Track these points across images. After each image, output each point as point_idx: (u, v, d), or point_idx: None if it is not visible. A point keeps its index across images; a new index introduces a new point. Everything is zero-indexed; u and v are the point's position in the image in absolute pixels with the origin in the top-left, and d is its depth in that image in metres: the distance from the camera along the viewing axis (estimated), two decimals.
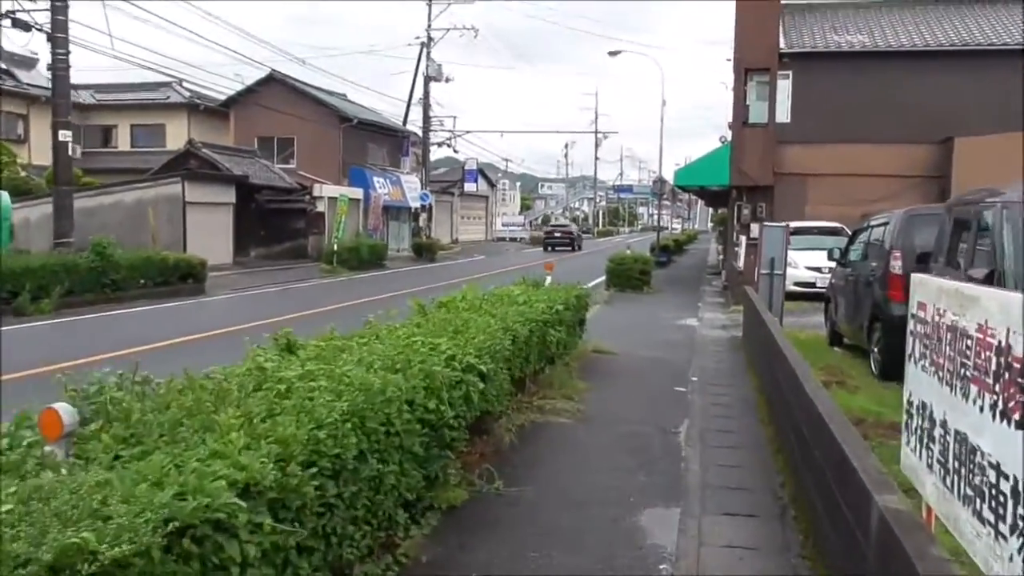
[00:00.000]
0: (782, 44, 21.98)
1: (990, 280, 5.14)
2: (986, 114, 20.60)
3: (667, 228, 55.93)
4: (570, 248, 48.60)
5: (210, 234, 28.32)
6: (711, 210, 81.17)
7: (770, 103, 21.75)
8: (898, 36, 23.25)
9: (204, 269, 21.13)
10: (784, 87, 22.04)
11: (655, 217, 44.51)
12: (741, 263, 18.32)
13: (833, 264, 17.79)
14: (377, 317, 5.89)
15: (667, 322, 14.72)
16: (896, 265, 8.33)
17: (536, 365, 7.40)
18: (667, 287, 22.09)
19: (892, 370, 8.42)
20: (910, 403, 3.52)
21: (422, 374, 4.27)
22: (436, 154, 62.61)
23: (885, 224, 8.97)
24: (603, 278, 21.35)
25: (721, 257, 33.62)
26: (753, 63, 21.85)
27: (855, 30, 23.92)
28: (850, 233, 19.64)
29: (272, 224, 35.35)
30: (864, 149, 21.64)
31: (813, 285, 17.06)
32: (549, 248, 48.42)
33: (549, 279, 10.43)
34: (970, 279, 5.36)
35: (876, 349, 8.68)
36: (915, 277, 3.25)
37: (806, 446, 4.90)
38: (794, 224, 20.05)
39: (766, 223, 12.68)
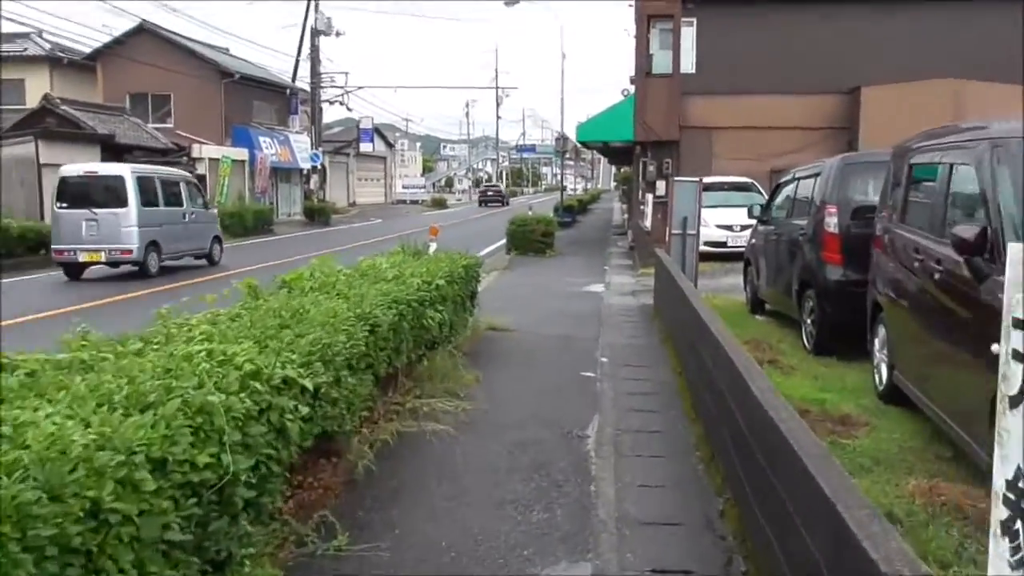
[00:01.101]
0: None
1: (983, 241, 3.90)
2: (894, 63, 19.97)
3: (570, 188, 55.02)
4: (500, 204, 58.43)
5: None
6: (614, 169, 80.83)
7: (674, 52, 20.61)
8: None
9: None
10: (688, 35, 20.90)
11: (559, 177, 43.37)
12: (648, 223, 17.20)
13: (748, 222, 16.96)
14: (182, 306, 4.28)
15: (572, 289, 13.44)
16: (831, 223, 7.16)
17: (411, 355, 5.93)
18: (571, 249, 20.87)
19: (828, 344, 7.33)
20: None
21: (191, 408, 2.73)
22: (333, 115, 59.94)
23: (815, 175, 7.79)
24: (503, 241, 19.96)
25: (626, 216, 32.71)
26: (656, 9, 20.63)
27: None
28: (758, 189, 18.90)
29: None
30: (772, 100, 20.75)
31: (724, 244, 16.10)
32: (483, 204, 59.50)
33: (434, 246, 8.95)
34: (955, 243, 4.11)
35: (809, 320, 7.54)
36: (1013, 247, 1.84)
37: (753, 461, 3.62)
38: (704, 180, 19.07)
39: (676, 178, 11.46)
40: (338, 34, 44.64)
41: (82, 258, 15.39)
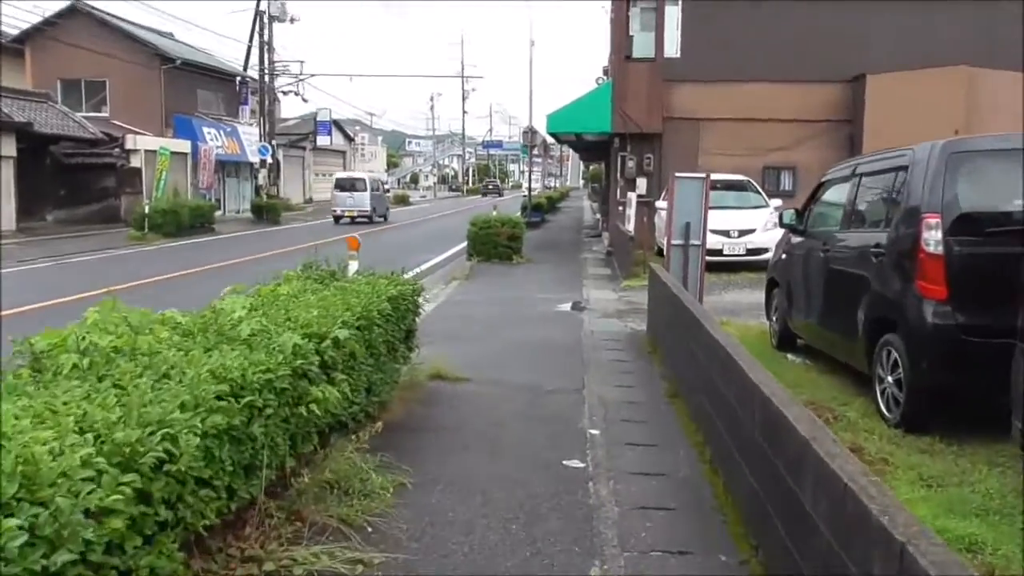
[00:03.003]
0: None
1: None
2: (901, 49, 17.84)
3: (535, 186, 52.75)
4: (498, 194, 67.55)
5: None
6: (582, 166, 78.24)
7: (657, 34, 18.31)
8: None
9: None
10: (673, 15, 18.60)
11: (526, 174, 41.07)
12: (631, 226, 14.86)
13: (747, 226, 14.76)
14: None
15: (544, 308, 11.04)
16: (931, 239, 4.83)
17: (282, 463, 3.51)
18: (542, 254, 18.47)
19: (924, 417, 5.00)
20: None
21: None
22: (293, 110, 56.83)
23: (897, 169, 5.46)
24: (466, 243, 17.50)
25: (598, 217, 30.40)
26: None
27: None
28: (755, 187, 16.56)
29: (74, 182, 29.56)
30: (765, 89, 18.53)
31: (720, 253, 13.83)
32: (483, 195, 70.16)
33: (354, 265, 6.52)
34: None
35: (890, 378, 5.20)
36: None
37: None
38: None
39: (678, 174, 9.06)
40: (293, 20, 42.00)
41: (345, 214, 32.11)
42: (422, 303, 6.27)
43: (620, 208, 18.36)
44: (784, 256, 7.70)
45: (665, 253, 9.11)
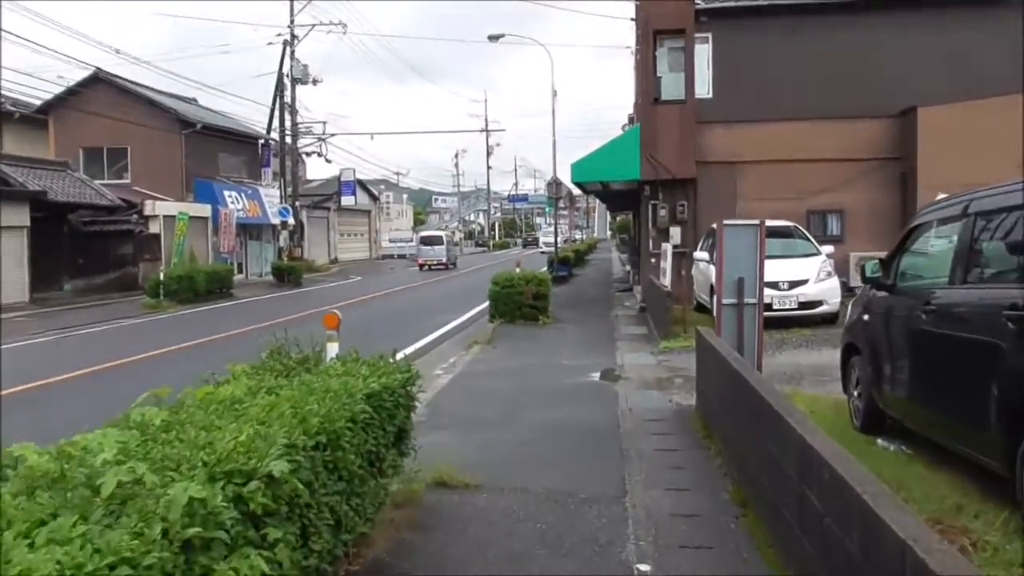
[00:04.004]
0: None
1: None
2: (954, 78, 16.53)
3: (562, 238, 51.62)
4: (536, 246, 74.30)
5: None
6: (608, 216, 77.04)
7: (687, 74, 17.17)
8: None
9: None
10: (703, 53, 17.51)
11: (552, 226, 40.27)
12: (667, 280, 13.53)
13: (799, 277, 13.37)
14: None
15: (573, 379, 9.70)
16: None
17: None
18: (570, 313, 17.16)
19: None
20: None
21: None
22: (319, 171, 56.47)
23: None
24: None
25: (628, 269, 29.09)
26: (664, 23, 17.25)
27: None
28: (804, 234, 15.10)
29: (91, 250, 28.92)
30: (806, 128, 17.30)
31: (769, 307, 12.36)
32: (523, 247, 79.28)
33: (334, 349, 5.27)
34: None
35: None
36: None
37: None
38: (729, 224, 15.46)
39: (727, 222, 7.76)
40: (315, 82, 41.77)
41: (428, 262, 41.22)
42: (419, 392, 4.98)
43: (653, 260, 17.07)
44: (866, 316, 6.31)
45: (715, 313, 7.77)
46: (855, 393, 6.53)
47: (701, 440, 6.66)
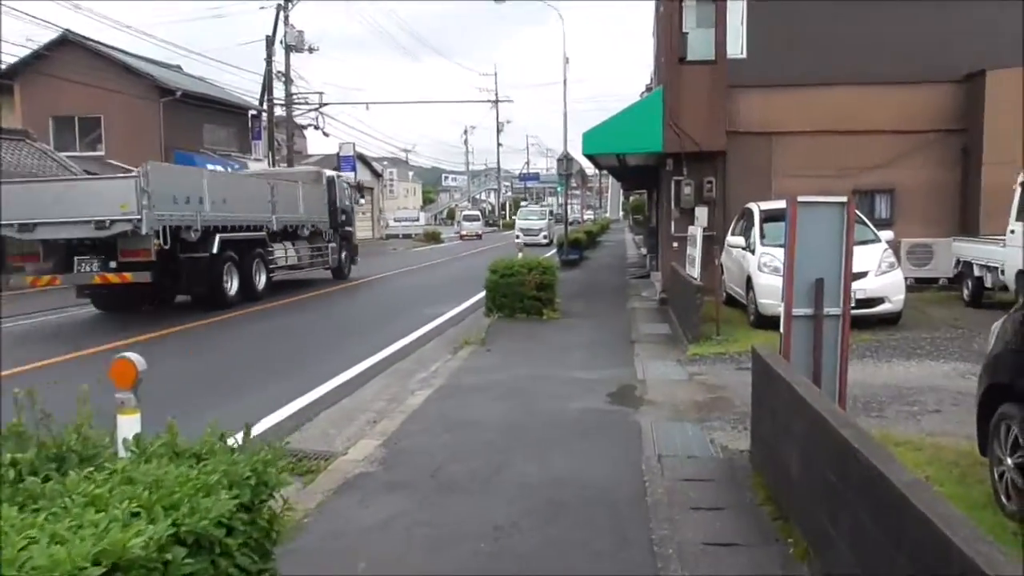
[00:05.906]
0: None
1: None
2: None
3: (574, 219, 49.32)
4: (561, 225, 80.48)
5: None
6: (622, 197, 74.27)
7: (718, 30, 14.80)
8: None
9: None
10: (737, 7, 15.14)
11: (563, 207, 37.53)
12: (696, 270, 11.28)
13: (864, 269, 11.01)
14: None
15: (581, 404, 7.48)
16: None
17: None
18: (580, 304, 14.92)
19: None
20: None
21: None
22: (322, 147, 54.09)
23: None
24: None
25: (644, 252, 26.77)
26: None
27: None
28: (861, 218, 12.69)
29: None
30: (854, 93, 14.94)
31: None
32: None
33: (130, 425, 3.04)
34: None
35: None
36: None
37: None
38: (764, 206, 13.20)
39: (802, 198, 5.49)
40: (311, 50, 39.34)
41: (468, 233, 55.07)
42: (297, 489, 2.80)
43: (675, 245, 14.80)
44: (1020, 351, 4.08)
45: (782, 328, 5.52)
46: (1009, 461, 4.28)
47: (770, 522, 4.46)
